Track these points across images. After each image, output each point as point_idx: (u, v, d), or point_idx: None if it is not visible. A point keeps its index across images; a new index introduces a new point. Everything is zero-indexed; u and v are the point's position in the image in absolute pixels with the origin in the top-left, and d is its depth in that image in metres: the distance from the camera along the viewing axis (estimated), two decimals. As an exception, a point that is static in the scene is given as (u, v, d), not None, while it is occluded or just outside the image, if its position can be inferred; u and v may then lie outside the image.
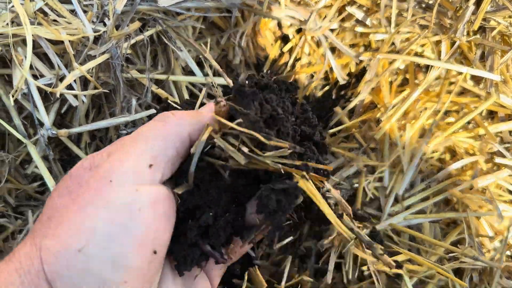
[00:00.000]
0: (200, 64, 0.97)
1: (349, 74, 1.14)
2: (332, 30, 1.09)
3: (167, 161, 0.45)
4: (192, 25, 0.95)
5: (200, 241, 0.48)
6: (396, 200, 0.99)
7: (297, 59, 1.13)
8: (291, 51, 1.13)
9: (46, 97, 0.81)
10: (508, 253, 0.96)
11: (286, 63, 1.13)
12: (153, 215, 0.42)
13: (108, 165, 0.43)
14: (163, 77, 0.91)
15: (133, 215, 0.40)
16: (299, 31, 1.13)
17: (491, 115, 1.06)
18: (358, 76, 1.13)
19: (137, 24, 0.84)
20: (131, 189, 0.41)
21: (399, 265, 0.51)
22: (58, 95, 0.77)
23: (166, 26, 0.89)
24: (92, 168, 0.44)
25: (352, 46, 1.11)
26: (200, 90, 0.98)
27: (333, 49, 1.10)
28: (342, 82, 1.06)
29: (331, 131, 1.04)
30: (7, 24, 0.72)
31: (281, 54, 1.15)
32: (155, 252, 0.42)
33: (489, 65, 0.95)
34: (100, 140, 0.93)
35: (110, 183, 0.41)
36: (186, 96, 0.94)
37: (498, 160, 0.95)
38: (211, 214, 0.47)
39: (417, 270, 0.83)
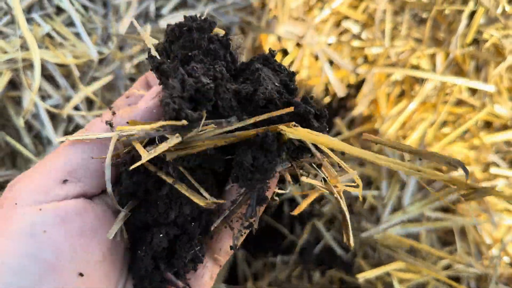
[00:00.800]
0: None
1: (349, 85, 1.16)
2: (330, 44, 1.11)
3: (90, 174, 0.40)
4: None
5: (162, 265, 0.41)
6: (394, 210, 1.01)
7: (296, 72, 1.16)
8: (291, 64, 1.16)
9: (54, 115, 0.85)
10: (508, 260, 0.98)
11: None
12: (65, 233, 0.37)
13: (18, 185, 0.39)
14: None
15: (37, 239, 0.35)
16: (298, 44, 1.16)
17: (488, 125, 1.08)
18: (357, 86, 1.16)
19: (140, 45, 0.88)
20: (34, 210, 0.37)
21: None
22: (65, 116, 0.81)
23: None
24: (7, 190, 0.39)
25: (353, 58, 1.14)
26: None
27: (332, 61, 1.13)
28: (340, 95, 1.09)
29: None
30: (17, 49, 0.76)
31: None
32: (81, 275, 0.37)
33: (483, 76, 0.97)
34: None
35: (15, 207, 0.37)
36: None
37: (493, 170, 0.96)
38: (161, 235, 0.40)
39: (410, 278, 0.85)
